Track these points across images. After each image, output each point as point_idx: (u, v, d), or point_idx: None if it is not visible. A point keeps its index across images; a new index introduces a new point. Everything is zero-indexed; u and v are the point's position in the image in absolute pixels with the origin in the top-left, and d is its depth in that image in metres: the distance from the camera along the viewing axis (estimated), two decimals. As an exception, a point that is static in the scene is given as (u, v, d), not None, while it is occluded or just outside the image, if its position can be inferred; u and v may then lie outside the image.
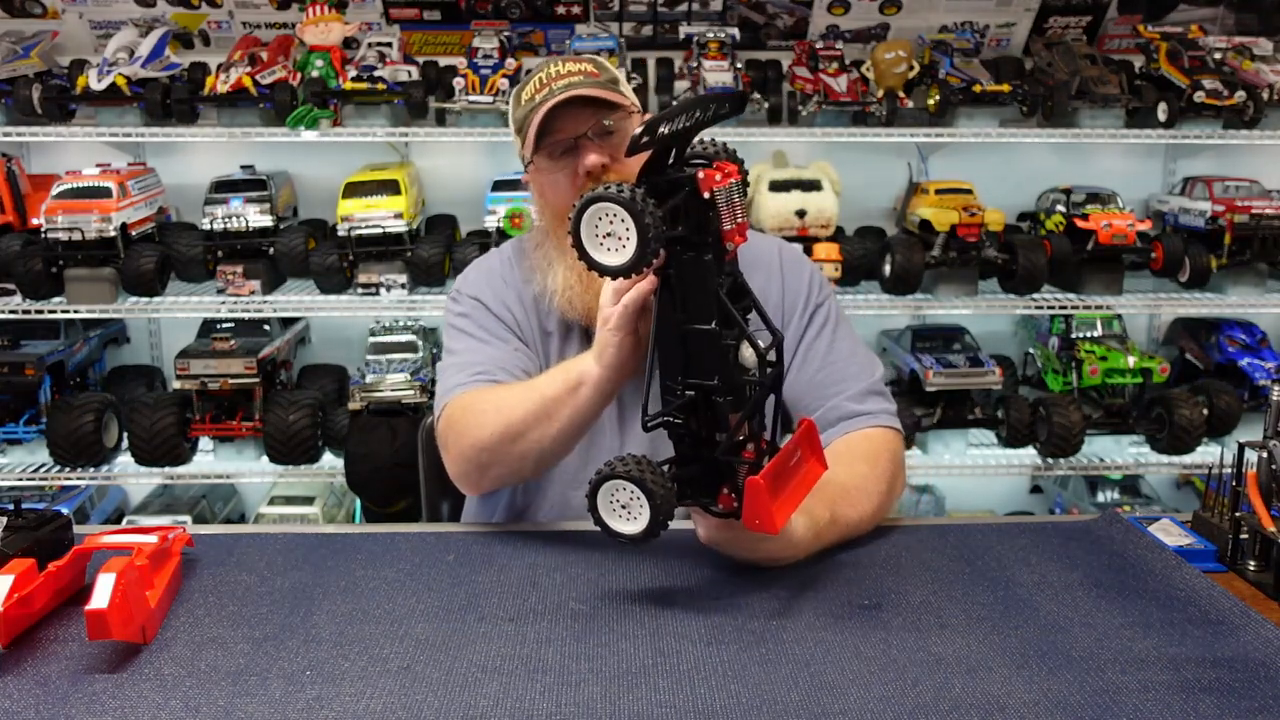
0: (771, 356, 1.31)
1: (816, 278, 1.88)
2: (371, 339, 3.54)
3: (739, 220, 1.28)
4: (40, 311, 3.34)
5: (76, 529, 1.49)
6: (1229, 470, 1.51)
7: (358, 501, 3.40)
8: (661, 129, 1.21)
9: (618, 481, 1.30)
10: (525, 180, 1.84)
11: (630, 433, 1.78)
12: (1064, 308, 3.51)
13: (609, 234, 1.23)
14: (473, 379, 1.71)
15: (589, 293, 1.72)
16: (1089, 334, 3.66)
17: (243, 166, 3.56)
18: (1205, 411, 3.49)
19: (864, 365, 1.81)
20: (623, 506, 1.31)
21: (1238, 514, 1.50)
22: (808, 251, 3.36)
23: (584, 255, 1.25)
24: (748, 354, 1.31)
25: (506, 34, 3.62)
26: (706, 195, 1.26)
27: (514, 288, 1.86)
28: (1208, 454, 3.50)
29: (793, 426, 1.82)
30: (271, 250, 3.43)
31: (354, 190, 3.42)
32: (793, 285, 1.85)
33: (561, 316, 1.81)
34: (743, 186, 1.30)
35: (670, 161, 1.30)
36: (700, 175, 1.26)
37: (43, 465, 3.42)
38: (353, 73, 3.40)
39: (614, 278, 1.26)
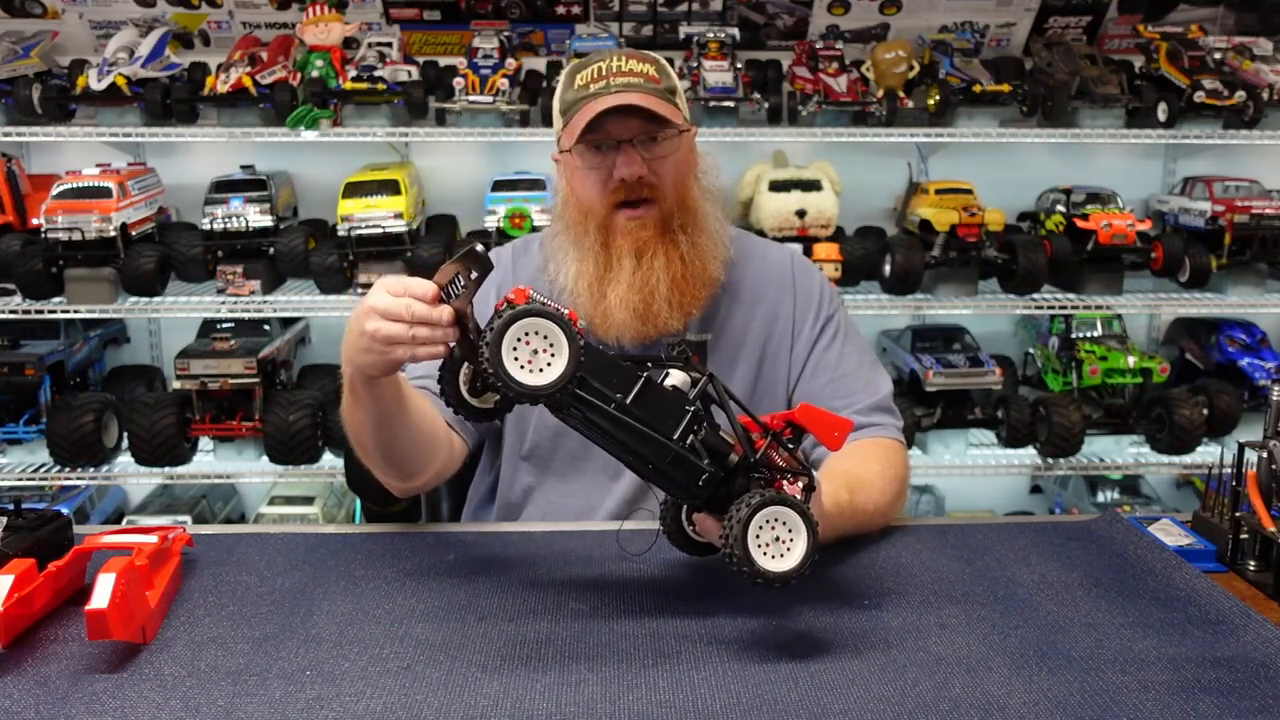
0: (686, 384, 1.28)
1: (827, 288, 1.89)
2: (371, 339, 3.53)
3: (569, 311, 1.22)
4: (40, 311, 3.34)
5: (76, 529, 1.49)
6: (1229, 470, 1.51)
7: (358, 501, 3.39)
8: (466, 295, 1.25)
9: (776, 509, 1.19)
10: (555, 158, 1.77)
11: None
12: (1064, 308, 3.51)
13: (534, 351, 1.18)
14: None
15: (594, 304, 1.71)
16: (1089, 334, 3.66)
17: (243, 166, 3.55)
18: (1205, 411, 3.49)
19: (871, 380, 1.82)
20: (775, 540, 1.20)
21: (1238, 514, 1.50)
22: (807, 252, 3.37)
23: (502, 373, 1.17)
24: (677, 379, 1.29)
25: (506, 34, 3.62)
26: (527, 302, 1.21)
27: (527, 272, 1.84)
28: (1208, 454, 3.49)
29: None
30: (271, 250, 3.43)
31: (354, 190, 3.42)
32: (804, 296, 1.86)
33: None
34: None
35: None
36: (510, 295, 1.21)
37: (43, 465, 3.42)
38: (353, 73, 3.40)
39: (535, 398, 1.19)
